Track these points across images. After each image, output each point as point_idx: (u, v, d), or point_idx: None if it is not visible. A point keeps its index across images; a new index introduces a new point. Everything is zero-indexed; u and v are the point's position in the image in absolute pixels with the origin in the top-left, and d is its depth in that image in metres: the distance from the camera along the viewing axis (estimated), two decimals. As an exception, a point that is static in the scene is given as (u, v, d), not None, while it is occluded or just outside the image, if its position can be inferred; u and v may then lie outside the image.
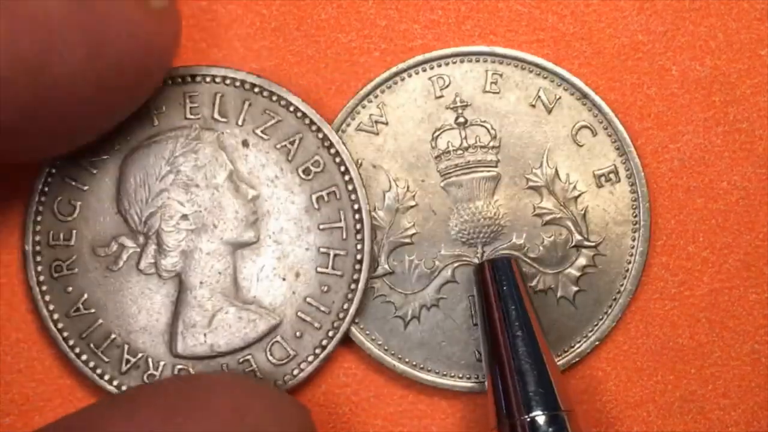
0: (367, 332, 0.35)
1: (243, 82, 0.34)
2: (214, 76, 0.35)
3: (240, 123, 0.34)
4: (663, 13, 0.36)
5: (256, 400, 0.30)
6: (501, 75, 0.36)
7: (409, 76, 0.36)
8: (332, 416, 0.35)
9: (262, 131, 0.34)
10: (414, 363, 0.35)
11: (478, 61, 0.36)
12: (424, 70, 0.36)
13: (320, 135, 0.34)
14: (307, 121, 0.34)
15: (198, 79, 0.34)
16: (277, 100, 0.35)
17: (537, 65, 0.36)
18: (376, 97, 0.35)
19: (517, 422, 0.32)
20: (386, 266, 0.35)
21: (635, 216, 0.35)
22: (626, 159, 0.35)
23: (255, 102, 0.34)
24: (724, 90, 0.36)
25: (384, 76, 0.35)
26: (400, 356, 0.35)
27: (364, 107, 0.35)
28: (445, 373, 0.35)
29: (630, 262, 0.35)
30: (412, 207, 0.35)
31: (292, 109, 0.34)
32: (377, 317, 0.35)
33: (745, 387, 0.35)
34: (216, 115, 0.34)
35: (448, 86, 0.36)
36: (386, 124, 0.35)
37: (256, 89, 0.34)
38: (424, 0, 0.36)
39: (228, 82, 0.34)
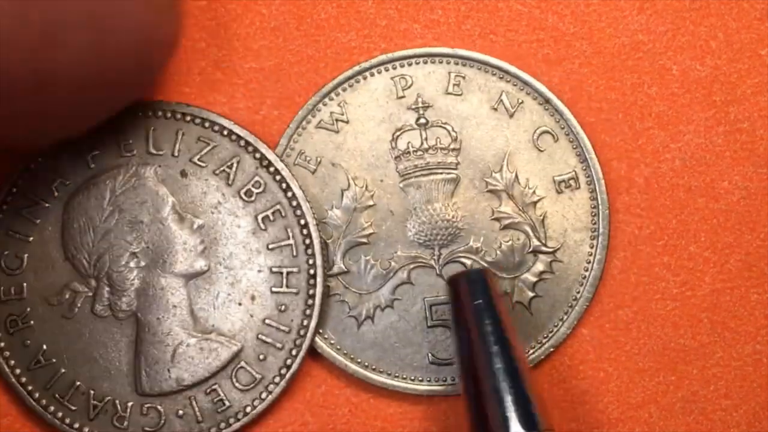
0: (320, 331, 0.35)
1: (173, 112, 0.34)
2: (145, 110, 0.34)
3: (176, 154, 0.35)
4: (663, 12, 0.36)
5: None
6: (464, 77, 0.35)
7: (372, 75, 0.35)
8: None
9: (198, 159, 0.35)
10: (366, 364, 0.35)
11: (441, 62, 0.35)
12: (387, 70, 0.35)
13: (257, 155, 0.34)
14: (242, 143, 0.34)
15: (128, 114, 0.34)
16: (210, 126, 0.35)
17: (500, 68, 0.35)
18: (337, 95, 0.35)
19: None
20: (341, 265, 0.35)
21: (594, 223, 0.35)
22: (587, 166, 0.35)
23: (188, 131, 0.35)
24: (725, 90, 0.36)
25: (347, 74, 0.35)
26: (352, 356, 0.35)
27: (325, 104, 0.35)
28: (397, 374, 0.35)
29: (587, 270, 0.35)
30: (369, 207, 0.35)
31: (225, 133, 0.35)
32: (331, 316, 0.35)
33: (747, 388, 0.35)
34: (151, 149, 0.35)
35: (410, 87, 0.35)
36: (347, 122, 0.35)
37: (187, 118, 0.35)
38: (424, 0, 0.36)
39: (159, 114, 0.34)
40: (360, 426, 0.35)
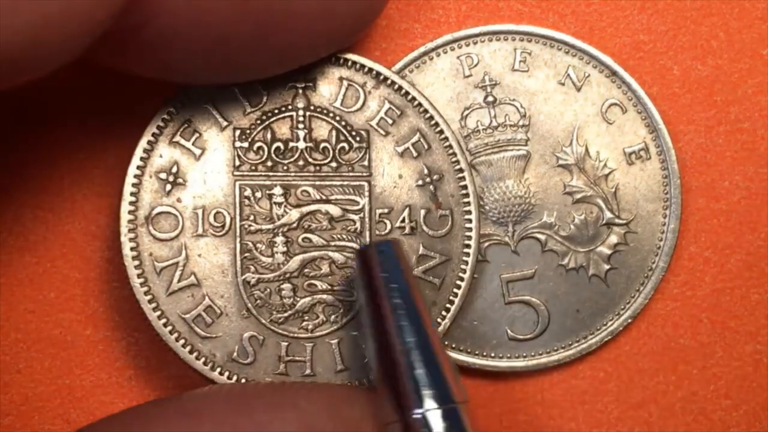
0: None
1: None
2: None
3: None
4: (664, 12, 0.36)
5: (353, 399, 0.30)
6: (530, 53, 0.35)
7: (438, 55, 0.35)
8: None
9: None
10: (445, 342, 0.35)
11: (506, 39, 0.35)
12: (452, 50, 0.35)
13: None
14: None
15: None
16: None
17: (566, 43, 0.35)
18: (404, 76, 0.35)
19: (409, 418, 0.30)
20: (417, 246, 0.35)
21: (666, 193, 0.35)
22: (656, 136, 0.35)
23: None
24: (726, 89, 0.36)
25: (412, 55, 0.35)
26: (431, 336, 0.35)
27: (393, 87, 0.35)
28: (477, 352, 0.35)
29: (662, 240, 0.35)
30: (442, 187, 0.35)
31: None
32: (408, 297, 0.35)
33: (747, 387, 0.35)
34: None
35: (476, 65, 0.35)
36: (415, 104, 0.35)
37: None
38: (425, 0, 0.36)
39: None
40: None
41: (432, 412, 0.30)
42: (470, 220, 0.34)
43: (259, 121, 0.34)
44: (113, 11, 0.27)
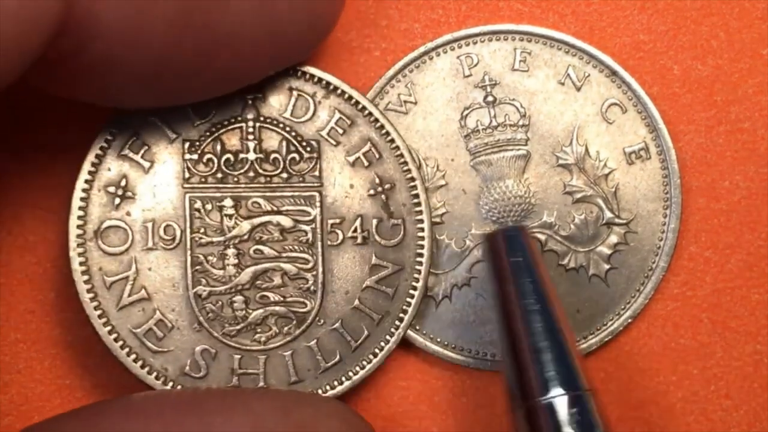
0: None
1: None
2: None
3: None
4: (664, 12, 0.36)
5: (306, 402, 0.30)
6: (530, 53, 0.35)
7: (438, 55, 0.35)
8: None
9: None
10: (445, 343, 0.35)
11: (506, 39, 0.35)
12: (452, 49, 0.35)
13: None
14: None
15: None
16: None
17: (566, 43, 0.35)
18: (404, 76, 0.35)
19: (535, 404, 0.30)
20: (417, 246, 0.35)
21: (666, 193, 0.35)
22: (656, 136, 0.35)
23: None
24: (726, 89, 0.36)
25: (412, 55, 0.35)
26: (431, 336, 0.35)
27: (392, 87, 0.35)
28: (477, 352, 0.35)
29: (662, 239, 0.35)
30: (441, 186, 0.35)
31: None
32: (408, 297, 0.35)
33: (748, 388, 0.35)
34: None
35: (476, 65, 0.35)
36: (415, 103, 0.35)
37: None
38: (425, 0, 0.36)
39: None
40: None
41: (559, 398, 0.30)
42: (422, 229, 0.34)
43: (208, 133, 0.34)
44: (42, 39, 0.26)
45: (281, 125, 0.34)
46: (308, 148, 0.34)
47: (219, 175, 0.34)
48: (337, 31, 0.35)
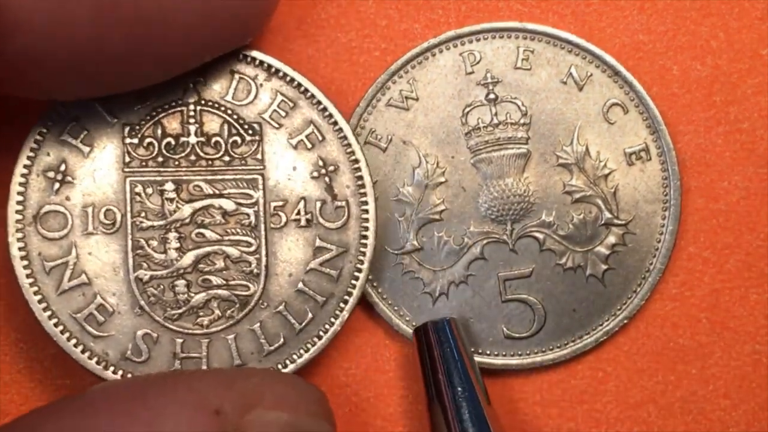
0: (396, 308, 0.35)
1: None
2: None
3: None
4: (664, 12, 0.36)
5: (248, 374, 0.30)
6: (532, 51, 0.35)
7: (440, 51, 0.35)
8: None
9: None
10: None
11: (509, 37, 0.35)
12: (455, 46, 0.35)
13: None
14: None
15: None
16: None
17: (569, 42, 0.35)
18: (406, 72, 0.35)
19: None
20: (415, 242, 0.35)
21: (666, 195, 0.35)
22: (657, 137, 0.35)
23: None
24: (725, 90, 0.36)
25: (414, 51, 0.35)
26: (428, 333, 0.35)
27: (394, 82, 0.35)
28: (472, 349, 0.35)
29: (660, 241, 0.35)
30: (441, 183, 0.35)
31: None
32: (405, 293, 0.35)
33: (746, 387, 0.35)
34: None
35: (479, 62, 0.35)
36: (416, 99, 0.35)
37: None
38: (425, 0, 0.36)
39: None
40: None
41: None
42: (367, 211, 0.34)
43: (148, 117, 0.34)
44: None
45: (222, 108, 0.34)
46: (250, 131, 0.34)
47: (160, 159, 0.34)
48: (337, 31, 0.35)
